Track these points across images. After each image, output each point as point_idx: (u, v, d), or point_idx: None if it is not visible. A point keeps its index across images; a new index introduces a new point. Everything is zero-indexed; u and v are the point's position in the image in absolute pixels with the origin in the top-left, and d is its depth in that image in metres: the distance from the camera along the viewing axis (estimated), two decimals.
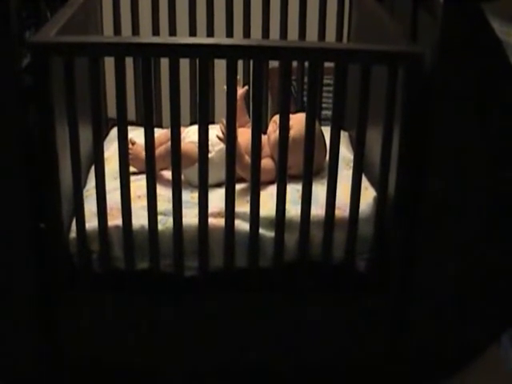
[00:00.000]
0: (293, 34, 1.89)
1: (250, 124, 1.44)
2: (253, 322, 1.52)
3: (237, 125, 1.40)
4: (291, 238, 1.47)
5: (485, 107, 1.37)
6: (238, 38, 1.85)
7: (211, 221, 1.45)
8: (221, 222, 1.45)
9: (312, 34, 1.90)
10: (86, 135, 1.46)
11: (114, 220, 1.45)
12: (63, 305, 1.49)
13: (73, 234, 1.45)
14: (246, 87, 1.74)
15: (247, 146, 1.43)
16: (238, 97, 1.60)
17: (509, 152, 1.40)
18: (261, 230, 1.46)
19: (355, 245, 1.47)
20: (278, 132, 1.40)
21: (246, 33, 1.90)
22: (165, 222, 1.46)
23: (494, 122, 1.38)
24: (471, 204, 1.42)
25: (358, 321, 1.52)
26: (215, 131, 1.55)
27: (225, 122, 1.40)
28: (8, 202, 1.40)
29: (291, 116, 1.43)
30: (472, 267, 1.47)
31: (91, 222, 1.45)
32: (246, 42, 1.58)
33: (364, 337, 1.54)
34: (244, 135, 1.52)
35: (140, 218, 1.45)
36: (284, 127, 1.38)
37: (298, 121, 1.55)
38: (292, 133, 1.49)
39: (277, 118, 1.41)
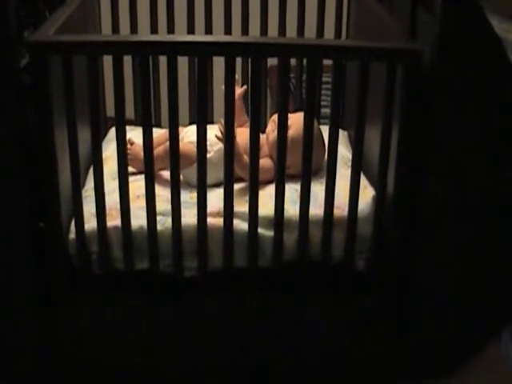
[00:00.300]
0: (291, 31, 1.88)
1: (248, 124, 1.43)
2: (252, 321, 1.52)
3: (235, 125, 1.39)
4: (290, 238, 1.46)
5: (484, 105, 1.36)
6: (236, 36, 1.84)
7: (210, 221, 1.45)
8: (220, 221, 1.44)
9: (310, 32, 1.89)
10: (84, 135, 1.45)
11: (113, 220, 1.45)
12: (63, 305, 1.49)
13: (72, 234, 1.45)
14: (245, 87, 1.73)
15: (246, 145, 1.43)
16: (237, 96, 1.60)
17: (509, 151, 1.39)
18: (260, 230, 1.45)
19: (354, 244, 1.46)
20: (276, 131, 1.39)
21: (245, 30, 1.89)
22: (164, 223, 1.46)
23: (493, 120, 1.37)
24: (471, 204, 1.42)
25: (357, 320, 1.52)
26: (214, 131, 1.54)
27: (223, 121, 1.39)
28: (7, 202, 1.40)
29: (290, 115, 1.43)
30: (472, 267, 1.47)
31: (90, 223, 1.44)
32: (244, 39, 1.58)
33: (363, 336, 1.54)
34: (243, 135, 1.51)
35: (139, 219, 1.45)
36: (282, 124, 1.37)
37: (296, 120, 1.54)
38: (291, 132, 1.48)
39: (276, 117, 1.41)
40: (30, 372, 1.53)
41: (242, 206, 1.46)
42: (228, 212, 1.42)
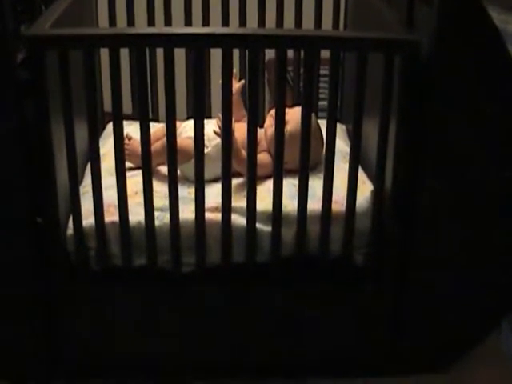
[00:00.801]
0: (289, 23, 1.88)
1: (246, 118, 1.43)
2: (251, 316, 1.51)
3: (233, 119, 1.38)
4: (288, 233, 1.46)
5: (483, 97, 1.35)
6: (233, 27, 1.84)
7: (208, 216, 1.44)
8: (218, 216, 1.44)
9: (308, 23, 1.89)
10: (82, 131, 1.44)
11: (111, 216, 1.44)
12: (62, 303, 1.48)
13: (70, 230, 1.44)
14: (243, 81, 1.72)
15: (244, 140, 1.42)
16: (235, 91, 1.59)
17: (508, 146, 1.38)
18: (258, 225, 1.45)
19: (353, 239, 1.46)
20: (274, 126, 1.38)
21: (242, 22, 1.88)
22: (162, 218, 1.45)
23: (492, 112, 1.36)
24: (470, 198, 1.41)
25: (355, 315, 1.51)
26: (212, 126, 1.53)
27: (221, 116, 1.38)
28: (5, 198, 1.38)
29: (288, 110, 1.42)
30: (470, 261, 1.46)
31: (88, 219, 1.43)
32: (241, 30, 1.57)
33: (362, 331, 1.53)
34: (241, 130, 1.50)
35: (137, 214, 1.44)
36: (280, 116, 1.36)
37: (294, 115, 1.53)
38: (288, 127, 1.47)
39: (274, 112, 1.40)
40: (30, 371, 1.52)
41: (240, 201, 1.45)
42: (226, 207, 1.41)
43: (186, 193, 1.51)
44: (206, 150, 1.42)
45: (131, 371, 1.54)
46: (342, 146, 1.68)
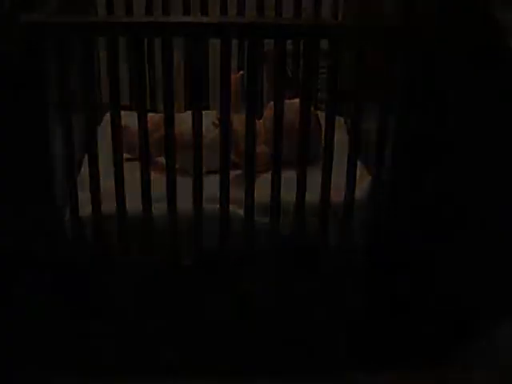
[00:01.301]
0: (288, 15, 1.86)
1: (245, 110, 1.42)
2: (250, 310, 1.51)
3: (233, 111, 1.37)
4: (287, 225, 1.45)
5: (484, 91, 1.35)
6: (231, 17, 1.83)
7: (206, 207, 1.43)
8: (215, 208, 1.43)
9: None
10: (80, 120, 1.44)
11: (110, 207, 1.43)
12: (62, 293, 1.48)
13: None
14: (242, 72, 1.71)
15: (242, 132, 1.41)
16: (233, 81, 1.58)
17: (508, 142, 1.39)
18: (256, 217, 1.44)
19: (351, 231, 1.45)
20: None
21: (242, 13, 1.87)
22: (160, 209, 1.44)
23: (493, 106, 1.36)
24: (471, 191, 1.41)
25: (354, 310, 1.51)
26: (210, 118, 1.52)
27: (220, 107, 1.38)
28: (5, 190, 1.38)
29: (287, 102, 1.41)
30: (472, 260, 1.46)
31: (87, 208, 1.43)
32: (239, 20, 1.56)
33: (361, 325, 1.53)
34: (239, 122, 1.49)
35: (135, 205, 1.43)
36: (278, 108, 1.36)
37: (293, 107, 1.52)
38: (287, 119, 1.46)
39: (273, 103, 1.40)
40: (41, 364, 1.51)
41: (238, 193, 1.44)
42: (224, 199, 1.41)
43: (184, 184, 1.51)
44: (204, 141, 1.41)
45: (131, 366, 1.53)
46: (341, 138, 1.68)
